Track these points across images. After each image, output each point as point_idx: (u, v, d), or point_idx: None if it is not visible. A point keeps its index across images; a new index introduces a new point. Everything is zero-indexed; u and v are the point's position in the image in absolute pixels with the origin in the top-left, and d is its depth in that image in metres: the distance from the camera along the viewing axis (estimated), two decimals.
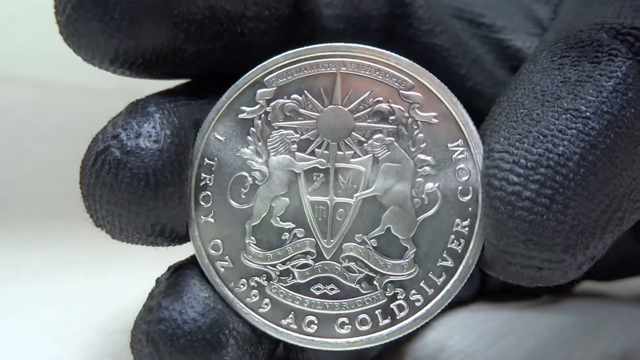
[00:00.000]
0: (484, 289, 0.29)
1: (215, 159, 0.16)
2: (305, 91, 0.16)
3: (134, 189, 0.15)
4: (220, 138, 0.16)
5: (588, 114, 0.14)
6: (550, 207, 0.14)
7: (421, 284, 0.15)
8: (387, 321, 0.16)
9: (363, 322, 0.16)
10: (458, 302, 0.28)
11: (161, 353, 0.15)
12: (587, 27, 0.16)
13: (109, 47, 0.15)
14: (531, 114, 0.15)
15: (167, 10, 0.15)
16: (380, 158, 0.16)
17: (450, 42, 0.22)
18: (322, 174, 0.16)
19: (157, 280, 0.17)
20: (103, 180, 0.15)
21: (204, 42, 0.16)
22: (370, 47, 0.16)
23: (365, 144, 0.16)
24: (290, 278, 0.16)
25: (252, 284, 0.16)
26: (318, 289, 0.16)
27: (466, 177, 0.15)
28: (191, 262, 0.17)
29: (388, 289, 0.16)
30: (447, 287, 0.15)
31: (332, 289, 0.16)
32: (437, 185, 0.15)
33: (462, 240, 0.15)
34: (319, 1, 0.19)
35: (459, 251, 0.15)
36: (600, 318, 0.27)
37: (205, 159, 0.16)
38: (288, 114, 0.16)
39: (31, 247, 0.39)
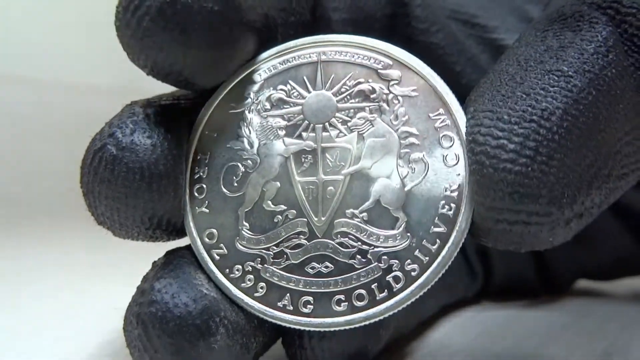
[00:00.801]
0: (486, 288, 0.29)
1: (208, 153, 0.17)
2: (290, 81, 0.17)
3: (129, 182, 0.15)
4: (212, 133, 0.17)
5: (570, 73, 0.15)
6: (534, 159, 0.14)
7: (416, 253, 0.15)
8: (384, 294, 0.15)
9: (360, 298, 0.16)
10: (461, 302, 0.28)
11: (150, 335, 0.15)
12: (569, 3, 0.17)
13: (187, 59, 0.15)
14: (514, 77, 0.15)
15: (238, 18, 0.16)
16: (364, 134, 0.16)
17: (445, 41, 0.22)
18: (310, 156, 0.16)
19: (154, 264, 0.17)
20: (101, 177, 0.16)
21: (259, 48, 0.17)
22: (347, 35, 0.17)
23: (349, 123, 0.16)
24: (284, 259, 0.16)
25: (247, 268, 0.16)
26: (313, 268, 0.16)
27: (450, 144, 0.16)
28: (188, 250, 0.17)
29: (383, 261, 0.16)
30: (443, 253, 0.15)
31: (326, 267, 0.16)
32: (422, 154, 0.16)
33: (452, 205, 0.15)
34: (328, 6, 0.20)
35: (451, 216, 0.15)
36: (600, 318, 0.27)
37: (199, 153, 0.17)
38: (275, 104, 0.17)
39: (31, 247, 0.40)
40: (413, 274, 0.15)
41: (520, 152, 0.14)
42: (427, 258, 0.15)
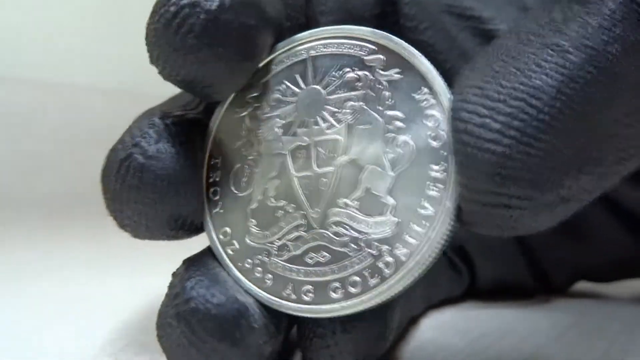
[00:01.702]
0: (473, 286, 0.29)
1: (220, 157, 0.18)
2: (285, 80, 0.18)
3: (158, 188, 0.16)
4: (222, 139, 0.18)
5: (568, 47, 0.14)
6: (519, 140, 0.13)
7: (404, 237, 0.15)
8: (376, 280, 0.16)
9: (354, 285, 0.16)
10: (449, 300, 0.28)
11: (194, 329, 0.16)
12: None
13: (226, 72, 0.16)
14: (510, 51, 0.14)
15: (267, 30, 0.17)
16: (352, 124, 0.17)
17: (435, 38, 0.22)
18: (304, 150, 0.17)
19: (174, 274, 0.17)
20: (129, 184, 0.17)
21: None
22: (333, 27, 0.17)
23: (338, 114, 0.17)
24: (287, 251, 0.17)
25: (256, 262, 0.17)
26: (311, 258, 0.17)
27: (435, 123, 0.15)
28: (205, 252, 0.18)
29: (374, 248, 0.16)
30: (432, 235, 0.15)
31: (323, 256, 0.16)
32: (409, 136, 0.16)
33: (439, 185, 0.15)
34: (317, 9, 0.20)
35: (437, 196, 0.15)
36: (600, 318, 0.27)
37: (212, 158, 0.18)
38: (273, 104, 0.18)
39: (30, 247, 0.40)
40: (403, 258, 0.15)
41: (505, 132, 0.13)
42: (415, 241, 0.15)
